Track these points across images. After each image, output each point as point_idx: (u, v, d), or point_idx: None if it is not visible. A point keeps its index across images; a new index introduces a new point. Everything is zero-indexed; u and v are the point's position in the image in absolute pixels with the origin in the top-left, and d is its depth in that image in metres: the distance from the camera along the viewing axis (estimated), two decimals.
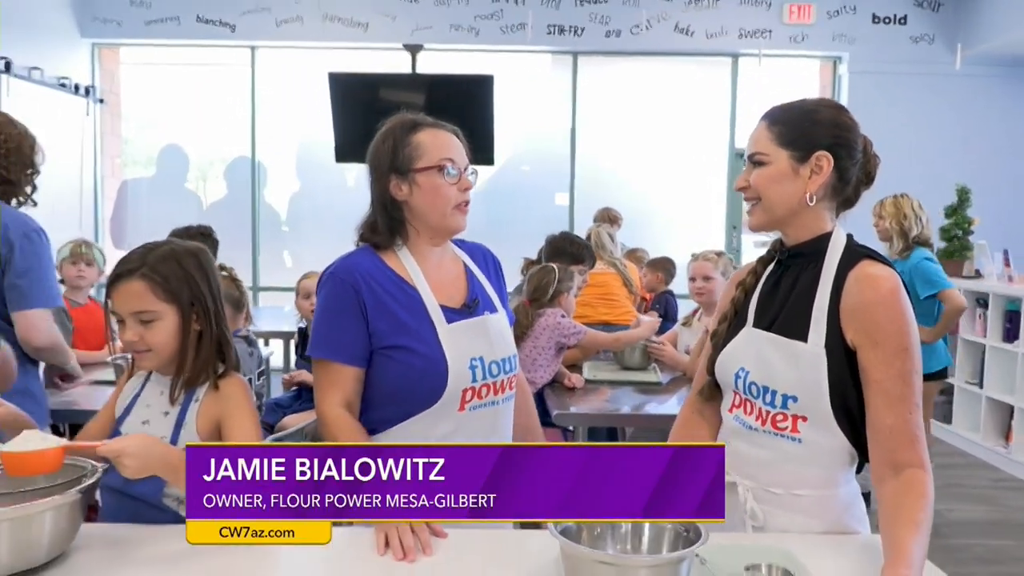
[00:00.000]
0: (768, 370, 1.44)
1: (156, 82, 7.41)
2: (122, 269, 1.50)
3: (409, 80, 6.79)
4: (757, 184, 1.46)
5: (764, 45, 6.91)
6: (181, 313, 1.50)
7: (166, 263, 1.50)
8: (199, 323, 1.52)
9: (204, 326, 1.53)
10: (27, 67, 5.92)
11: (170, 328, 1.49)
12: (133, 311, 1.48)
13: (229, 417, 1.50)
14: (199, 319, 1.52)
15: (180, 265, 1.51)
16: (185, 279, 1.50)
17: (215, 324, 1.54)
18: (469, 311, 1.67)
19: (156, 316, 1.49)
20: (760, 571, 1.21)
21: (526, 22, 6.79)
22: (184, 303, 1.50)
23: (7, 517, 1.17)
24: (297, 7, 6.80)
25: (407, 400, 1.59)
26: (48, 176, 6.72)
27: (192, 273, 1.52)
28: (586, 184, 7.08)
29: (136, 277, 1.48)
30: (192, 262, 1.53)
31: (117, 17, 6.81)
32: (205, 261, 1.55)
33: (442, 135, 1.67)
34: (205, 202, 7.45)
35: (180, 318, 1.50)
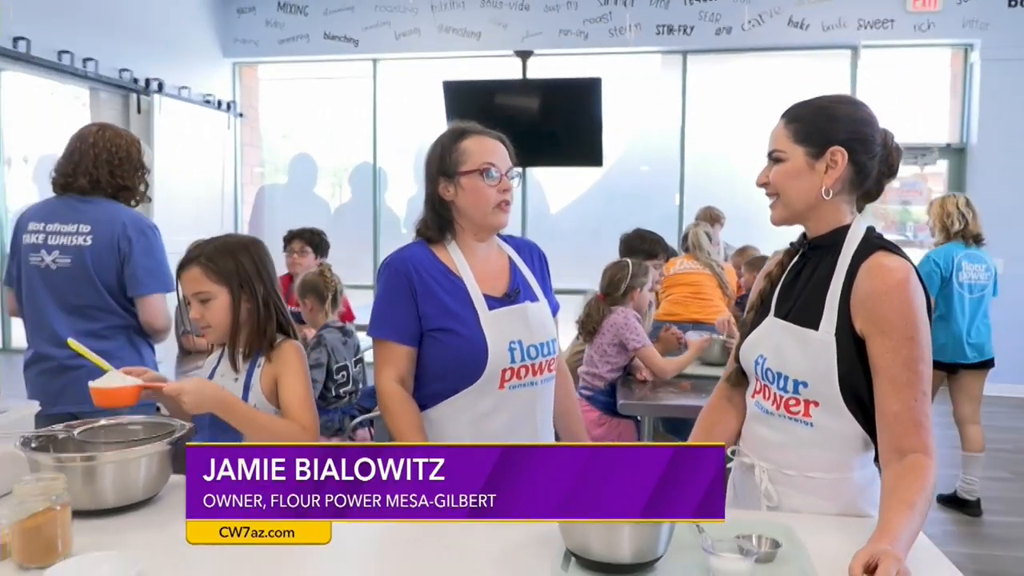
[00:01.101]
0: (782, 357, 1.50)
1: (289, 96, 8.00)
2: (185, 258, 1.81)
3: (519, 85, 7.00)
4: (775, 180, 1.52)
5: (886, 36, 6.63)
6: (232, 293, 1.78)
7: (219, 252, 1.79)
8: (249, 302, 1.79)
9: (253, 304, 1.79)
10: (177, 86, 6.60)
11: (223, 306, 1.78)
12: (193, 292, 1.79)
13: (282, 376, 1.77)
14: (248, 299, 1.79)
15: (231, 254, 1.80)
16: (235, 265, 1.79)
17: (263, 303, 1.80)
18: (510, 299, 1.82)
19: (211, 296, 1.78)
20: (750, 540, 1.29)
21: (634, 24, 6.84)
22: (234, 285, 1.78)
23: (111, 460, 1.43)
24: (415, 20, 7.16)
25: (452, 377, 1.76)
26: (194, 184, 7.40)
27: (242, 260, 1.80)
28: (698, 183, 7.04)
29: (194, 264, 1.79)
30: (243, 252, 1.82)
31: (255, 38, 7.42)
32: (255, 251, 1.84)
33: (486, 141, 1.82)
34: (332, 206, 7.96)
35: (231, 298, 1.78)
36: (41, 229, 2.39)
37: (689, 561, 1.26)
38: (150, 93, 6.21)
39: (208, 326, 1.79)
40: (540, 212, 7.50)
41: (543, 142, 7.03)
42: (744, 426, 1.64)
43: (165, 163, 6.36)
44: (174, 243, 4.35)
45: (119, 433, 1.58)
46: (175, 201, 6.50)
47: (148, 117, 6.23)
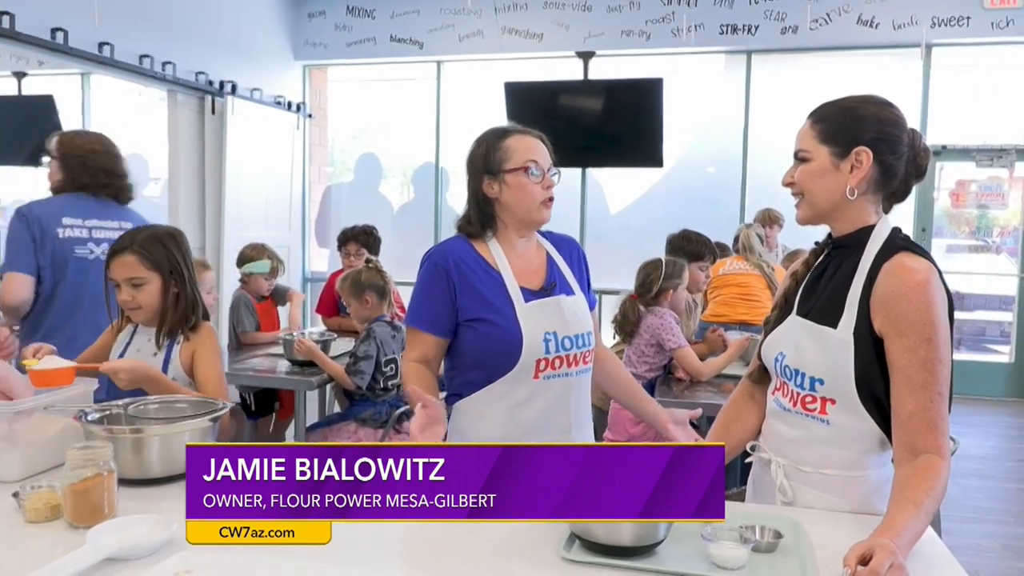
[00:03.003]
0: (800, 354, 1.52)
1: (356, 97, 8.23)
2: (118, 246, 1.99)
3: (580, 86, 7.03)
4: (800, 180, 1.53)
5: (961, 34, 6.41)
6: (163, 279, 1.98)
7: (150, 241, 1.98)
8: (176, 287, 1.99)
9: (180, 289, 2.00)
10: (249, 88, 6.87)
11: (155, 290, 1.97)
12: (126, 277, 1.96)
13: (199, 354, 1.98)
14: (176, 284, 1.99)
15: (161, 243, 1.99)
16: (165, 253, 1.98)
17: (189, 287, 2.01)
18: (546, 292, 1.88)
19: (144, 281, 1.96)
20: (753, 531, 1.31)
21: (697, 24, 6.79)
22: (165, 271, 1.98)
23: (157, 433, 1.55)
24: (478, 22, 7.27)
25: (487, 366, 1.83)
26: (264, 182, 7.66)
27: (171, 249, 2.00)
28: (761, 184, 6.94)
29: (128, 252, 1.96)
30: (170, 241, 2.01)
31: (324, 41, 7.66)
32: (180, 241, 2.05)
33: (528, 140, 1.89)
34: (396, 205, 8.14)
35: (162, 283, 1.98)
36: (80, 223, 2.62)
37: (689, 547, 1.29)
38: (224, 95, 6.48)
39: (138, 307, 1.97)
40: (599, 212, 7.51)
41: (604, 142, 7.05)
42: (764, 422, 1.65)
43: (237, 162, 6.63)
44: (243, 238, 4.55)
45: (166, 410, 1.70)
46: (245, 199, 6.77)
47: (222, 118, 6.51)
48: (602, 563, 1.26)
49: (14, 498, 1.42)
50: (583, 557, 1.27)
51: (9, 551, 1.28)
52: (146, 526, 1.28)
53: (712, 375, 3.11)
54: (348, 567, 1.24)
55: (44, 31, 4.94)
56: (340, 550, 1.28)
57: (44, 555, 1.23)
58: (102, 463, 1.36)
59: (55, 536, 1.33)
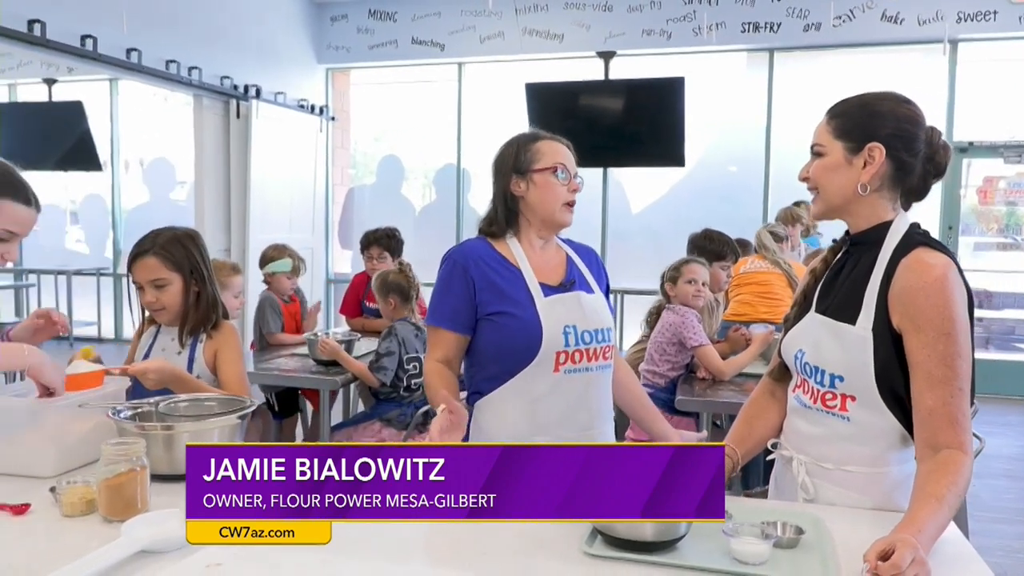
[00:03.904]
0: (819, 351, 1.52)
1: (378, 100, 8.29)
2: (139, 249, 2.03)
3: (601, 86, 7.04)
4: (814, 174, 1.54)
5: (987, 29, 6.33)
6: (184, 279, 2.02)
7: (171, 243, 2.02)
8: (197, 286, 2.04)
9: (201, 288, 2.04)
10: (273, 92, 6.95)
11: (177, 290, 2.02)
12: (150, 279, 2.00)
13: (221, 351, 2.03)
14: (197, 283, 2.04)
15: (181, 244, 2.03)
16: (185, 254, 2.02)
17: (209, 287, 2.05)
18: (565, 288, 1.91)
19: (167, 282, 2.01)
20: (775, 527, 1.32)
21: (719, 22, 6.77)
22: (186, 272, 2.02)
23: (187, 429, 1.59)
24: (499, 23, 7.30)
25: (507, 359, 1.85)
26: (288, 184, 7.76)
27: (191, 250, 2.04)
28: (784, 183, 6.90)
29: (150, 254, 2.01)
30: (189, 242, 2.05)
31: (347, 44, 7.73)
32: (199, 241, 2.09)
33: (557, 146, 1.96)
34: (418, 207, 8.20)
35: (184, 283, 2.02)
36: None
37: (711, 543, 1.30)
38: (248, 99, 6.57)
39: (162, 308, 2.02)
40: (621, 212, 7.51)
41: (625, 142, 7.05)
42: (785, 420, 1.66)
43: (261, 165, 6.72)
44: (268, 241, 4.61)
45: (195, 407, 1.74)
46: (270, 201, 6.85)
47: (246, 122, 6.60)
48: (624, 558, 1.27)
49: (51, 493, 1.47)
50: (605, 552, 1.29)
51: (48, 543, 1.32)
52: (177, 520, 1.31)
53: (734, 374, 3.11)
54: (372, 562, 1.27)
55: (74, 38, 5.05)
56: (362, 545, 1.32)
57: (80, 547, 1.27)
58: (135, 459, 1.40)
59: (90, 529, 1.37)
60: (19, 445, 1.59)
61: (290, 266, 3.93)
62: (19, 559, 1.26)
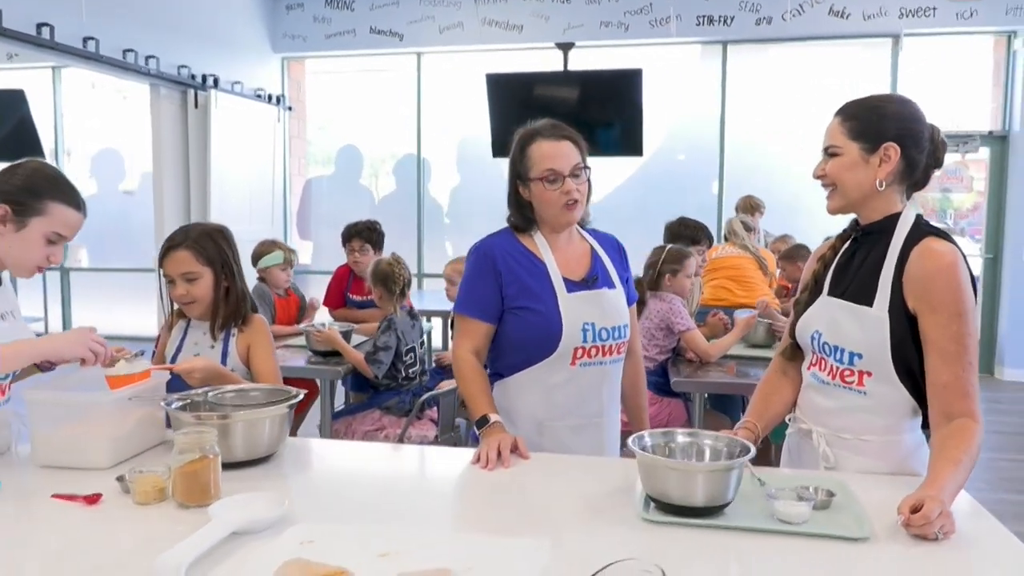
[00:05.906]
0: (838, 331, 1.66)
1: (335, 89, 8.23)
2: (171, 243, 2.07)
3: (561, 77, 7.14)
4: (832, 173, 1.67)
5: (928, 24, 6.66)
6: (215, 273, 2.06)
7: (202, 237, 2.07)
8: (227, 280, 2.08)
9: (231, 283, 2.09)
10: (230, 81, 6.85)
11: (208, 284, 2.06)
12: (181, 272, 2.05)
13: (254, 346, 2.09)
14: (227, 278, 2.08)
15: (212, 239, 2.08)
16: (216, 248, 2.07)
17: (238, 281, 2.10)
18: (587, 285, 1.99)
19: (198, 276, 2.05)
20: (808, 491, 1.45)
21: (675, 15, 6.95)
22: (217, 266, 2.07)
23: (241, 419, 1.64)
24: (458, 14, 7.33)
25: (528, 351, 1.94)
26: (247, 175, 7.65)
27: (221, 244, 2.09)
28: (737, 172, 7.14)
29: (182, 248, 2.06)
30: (220, 237, 2.10)
31: (303, 33, 7.65)
32: (229, 236, 2.13)
33: (547, 146, 1.93)
34: (377, 197, 8.18)
35: (214, 277, 2.06)
36: None
37: (754, 507, 1.43)
38: (206, 88, 6.46)
39: (192, 302, 2.06)
40: None
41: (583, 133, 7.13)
42: (801, 395, 1.80)
43: (220, 156, 6.62)
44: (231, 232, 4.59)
45: (242, 398, 1.79)
46: (228, 191, 6.76)
47: (205, 112, 6.49)
48: (678, 522, 1.39)
49: (119, 482, 1.51)
50: (660, 518, 1.40)
51: (131, 528, 1.37)
52: (261, 502, 1.37)
53: (719, 356, 3.27)
54: (449, 533, 1.35)
55: (30, 26, 4.90)
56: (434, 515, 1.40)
57: (165, 531, 1.32)
58: (208, 446, 1.45)
59: (168, 515, 1.41)
60: (77, 438, 1.62)
61: (281, 258, 3.93)
62: (114, 544, 1.30)
